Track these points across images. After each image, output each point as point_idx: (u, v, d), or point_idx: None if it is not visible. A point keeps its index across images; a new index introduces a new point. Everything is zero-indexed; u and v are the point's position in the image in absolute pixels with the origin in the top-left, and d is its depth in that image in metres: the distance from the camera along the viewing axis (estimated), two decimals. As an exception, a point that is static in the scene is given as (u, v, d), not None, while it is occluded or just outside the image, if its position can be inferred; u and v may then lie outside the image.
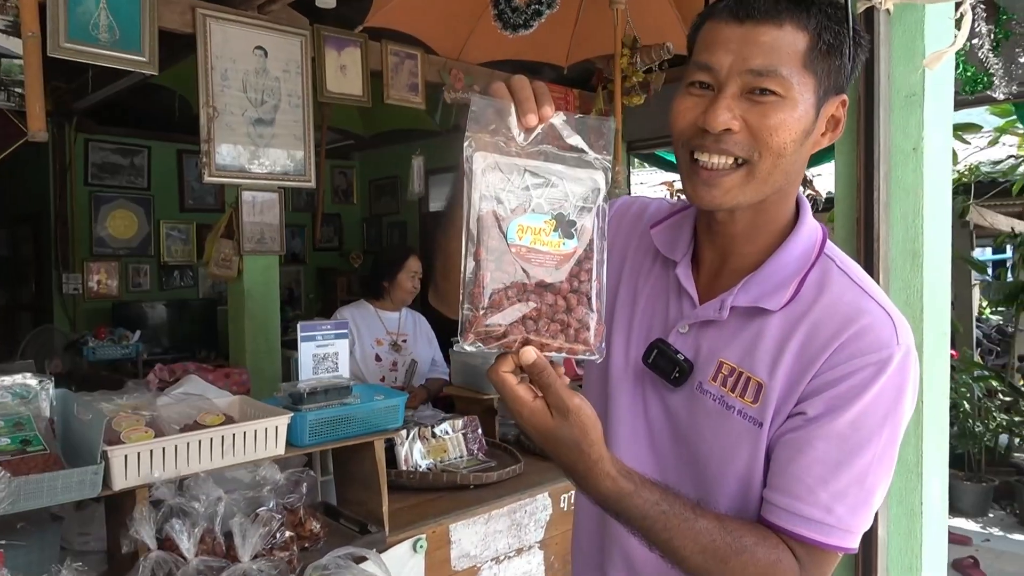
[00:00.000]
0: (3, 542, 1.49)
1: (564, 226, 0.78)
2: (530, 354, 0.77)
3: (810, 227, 0.99)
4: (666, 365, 0.99)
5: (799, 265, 0.96)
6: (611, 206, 1.16)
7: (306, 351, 2.08)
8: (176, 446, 1.70)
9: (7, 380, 1.70)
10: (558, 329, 0.78)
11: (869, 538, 1.70)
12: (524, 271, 0.77)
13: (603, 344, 0.80)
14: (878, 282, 1.64)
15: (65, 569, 1.45)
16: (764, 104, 0.88)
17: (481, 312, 0.76)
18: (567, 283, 0.78)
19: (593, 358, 0.80)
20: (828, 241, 1.00)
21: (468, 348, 0.77)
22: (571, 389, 0.80)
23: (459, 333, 0.77)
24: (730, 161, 0.90)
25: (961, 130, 5.26)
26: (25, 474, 1.48)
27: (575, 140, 0.80)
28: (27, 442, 1.58)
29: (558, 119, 0.80)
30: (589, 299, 0.79)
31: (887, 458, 0.90)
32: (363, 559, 1.83)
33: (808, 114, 0.90)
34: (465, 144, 0.78)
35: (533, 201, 0.78)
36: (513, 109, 0.79)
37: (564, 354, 0.79)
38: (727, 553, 0.86)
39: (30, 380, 1.71)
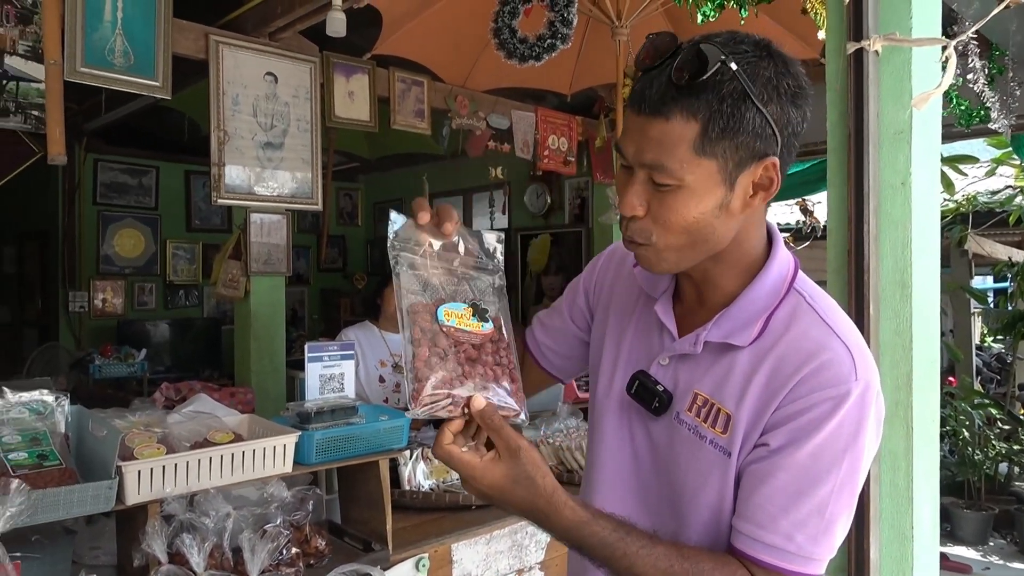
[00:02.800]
0: (18, 554, 1.54)
1: (480, 312, 0.95)
2: (480, 400, 0.88)
3: (781, 262, 1.03)
4: (647, 395, 1.05)
5: (768, 301, 1.00)
6: (604, 250, 1.31)
7: (313, 371, 2.13)
8: (187, 462, 1.75)
9: (25, 396, 1.75)
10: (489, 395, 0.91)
11: (861, 561, 1.73)
12: (456, 346, 0.91)
13: (525, 408, 0.95)
14: (868, 312, 1.69)
15: (78, 581, 1.50)
16: (663, 192, 0.93)
17: (424, 382, 0.87)
18: (491, 357, 0.93)
19: (518, 421, 0.93)
20: (800, 274, 1.04)
21: (418, 415, 0.88)
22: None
23: (407, 404, 0.88)
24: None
25: (958, 161, 5.33)
26: (42, 488, 1.53)
27: (474, 247, 0.98)
28: (43, 456, 1.63)
29: (459, 233, 0.97)
30: (509, 371, 0.94)
31: (848, 490, 0.93)
32: (366, 576, 1.87)
33: (713, 193, 0.92)
34: (389, 248, 0.94)
35: (455, 295, 0.94)
36: (427, 222, 0.94)
37: None
38: None
39: (46, 396, 1.77)
